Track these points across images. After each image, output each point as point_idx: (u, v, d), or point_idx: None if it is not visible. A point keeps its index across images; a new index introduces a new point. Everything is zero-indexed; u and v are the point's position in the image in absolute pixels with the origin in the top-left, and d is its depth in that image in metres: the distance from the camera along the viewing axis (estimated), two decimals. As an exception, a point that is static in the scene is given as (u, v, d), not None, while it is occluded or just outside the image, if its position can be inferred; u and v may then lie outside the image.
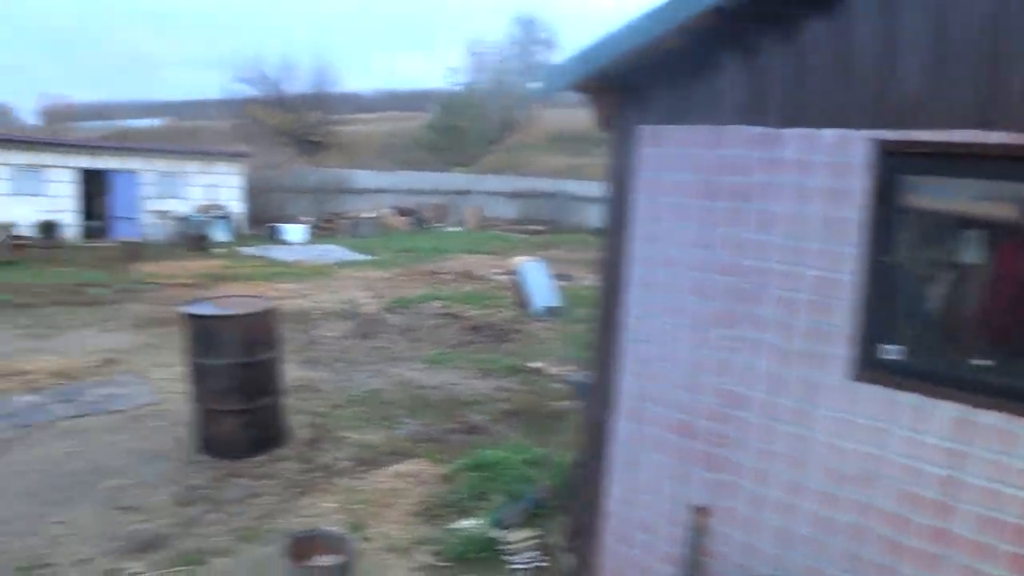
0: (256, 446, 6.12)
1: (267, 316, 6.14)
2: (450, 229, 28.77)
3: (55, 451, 6.22)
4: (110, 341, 10.06)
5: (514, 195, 31.65)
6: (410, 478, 6.01)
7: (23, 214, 20.75)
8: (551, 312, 12.72)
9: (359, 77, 55.31)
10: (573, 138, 40.47)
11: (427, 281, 16.13)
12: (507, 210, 31.55)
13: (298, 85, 42.67)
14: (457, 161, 37.67)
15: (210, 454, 6.10)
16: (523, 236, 26.84)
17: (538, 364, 9.85)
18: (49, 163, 21.70)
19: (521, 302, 13.32)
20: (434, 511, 5.46)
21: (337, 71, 58.99)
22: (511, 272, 14.07)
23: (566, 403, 8.14)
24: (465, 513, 5.38)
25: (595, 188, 31.07)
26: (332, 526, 4.94)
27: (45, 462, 5.99)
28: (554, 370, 9.57)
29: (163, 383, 8.13)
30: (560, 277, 14.60)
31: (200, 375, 5.96)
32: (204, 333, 5.82)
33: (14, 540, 4.81)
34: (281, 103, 41.12)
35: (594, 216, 30.34)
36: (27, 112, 56.12)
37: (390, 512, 5.45)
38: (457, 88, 43.97)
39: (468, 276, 17.03)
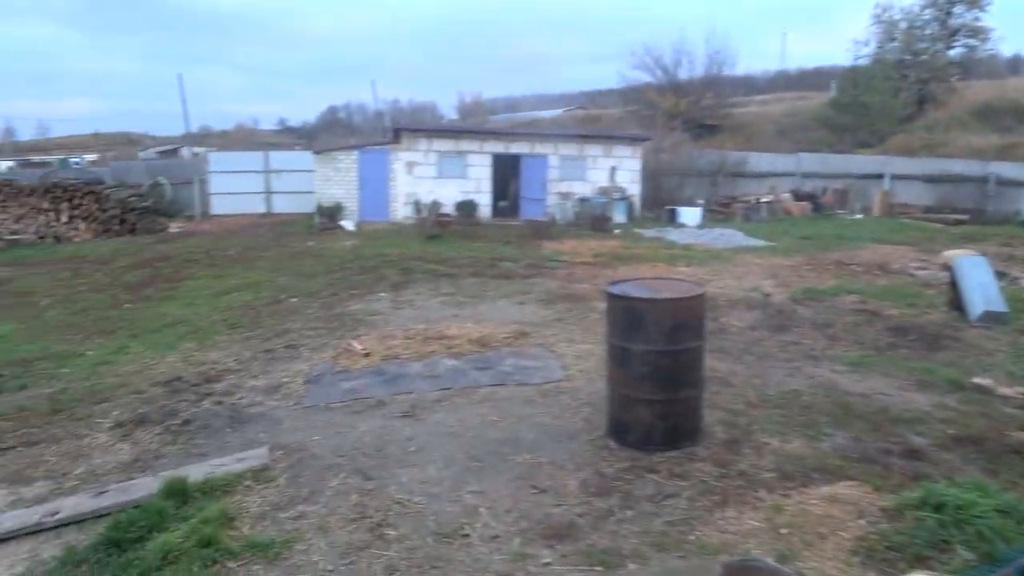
0: (670, 440, 5.55)
1: (696, 301, 5.50)
2: (853, 216, 26.17)
3: (473, 417, 6.25)
4: (521, 313, 10.31)
5: (930, 179, 27.84)
6: (847, 506, 4.98)
7: (446, 194, 22.95)
8: (993, 318, 10.54)
9: (753, 58, 53.33)
10: (1004, 112, 34.71)
11: (835, 272, 14.51)
12: (920, 196, 27.80)
13: (692, 69, 42.21)
14: (862, 142, 34.24)
15: (619, 442, 5.67)
16: (940, 226, 23.42)
17: (985, 381, 8.05)
18: (468, 149, 23.69)
19: (954, 303, 11.27)
20: (879, 553, 4.38)
21: (731, 53, 57.53)
22: (944, 267, 12.02)
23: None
24: (920, 563, 4.24)
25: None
26: (760, 551, 4.18)
27: (465, 427, 6.03)
28: (1007, 390, 7.75)
29: (571, 360, 7.97)
30: (996, 275, 12.16)
31: (619, 358, 5.53)
32: (628, 315, 5.36)
33: (433, 502, 4.77)
34: (676, 88, 40.97)
35: (1036, 204, 25.62)
36: (447, 107, 63.14)
37: (825, 545, 4.49)
38: (862, 61, 39.80)
39: (883, 269, 15.03)
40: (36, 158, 49.26)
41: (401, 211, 23.33)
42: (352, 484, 5.03)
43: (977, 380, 8.06)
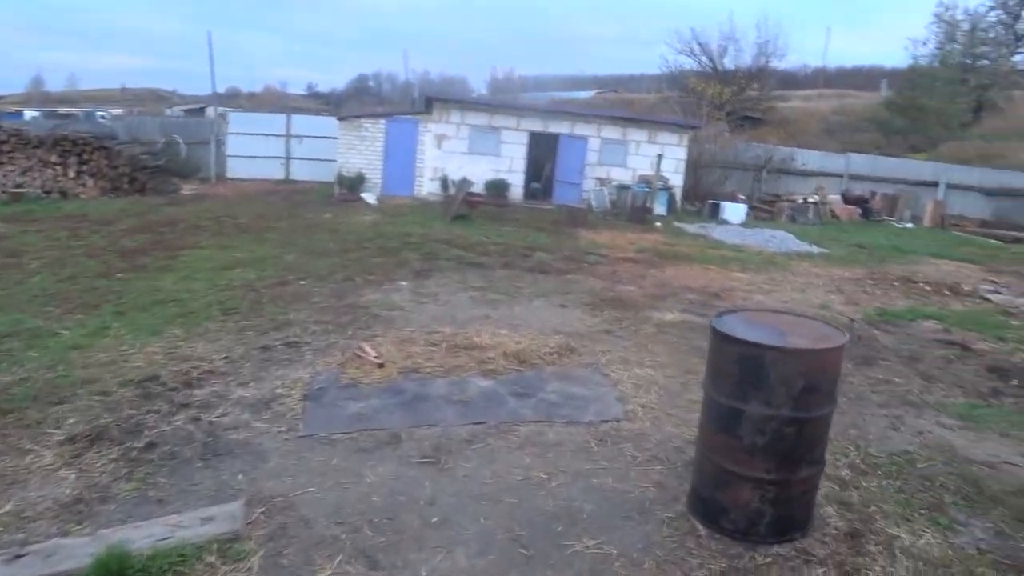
0: (778, 531, 4.15)
1: (836, 354, 4.08)
2: (903, 224, 24.54)
3: (515, 470, 4.86)
4: (563, 320, 8.91)
5: (989, 192, 26.12)
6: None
7: (477, 172, 21.52)
8: (1108, 362, 9.08)
9: (801, 53, 51.27)
10: (1070, 126, 32.84)
11: (903, 290, 13.00)
12: (975, 208, 26.13)
13: (739, 58, 40.41)
14: (914, 146, 32.47)
15: (709, 526, 4.27)
16: (998, 243, 21.78)
17: None
18: (503, 125, 22.21)
19: (1056, 340, 9.82)
20: None
21: (781, 45, 55.49)
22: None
23: None
24: None
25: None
26: None
27: (505, 487, 4.63)
28: None
29: (629, 389, 6.56)
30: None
31: (723, 420, 4.10)
32: (745, 365, 3.92)
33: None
34: (720, 76, 39.21)
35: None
36: (478, 82, 61.65)
37: None
38: (921, 61, 37.78)
39: (953, 291, 13.51)
40: (63, 110, 48.08)
41: (427, 186, 21.93)
42: (353, 574, 3.67)
43: None
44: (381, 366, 6.57)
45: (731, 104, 36.70)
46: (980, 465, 5.83)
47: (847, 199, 25.74)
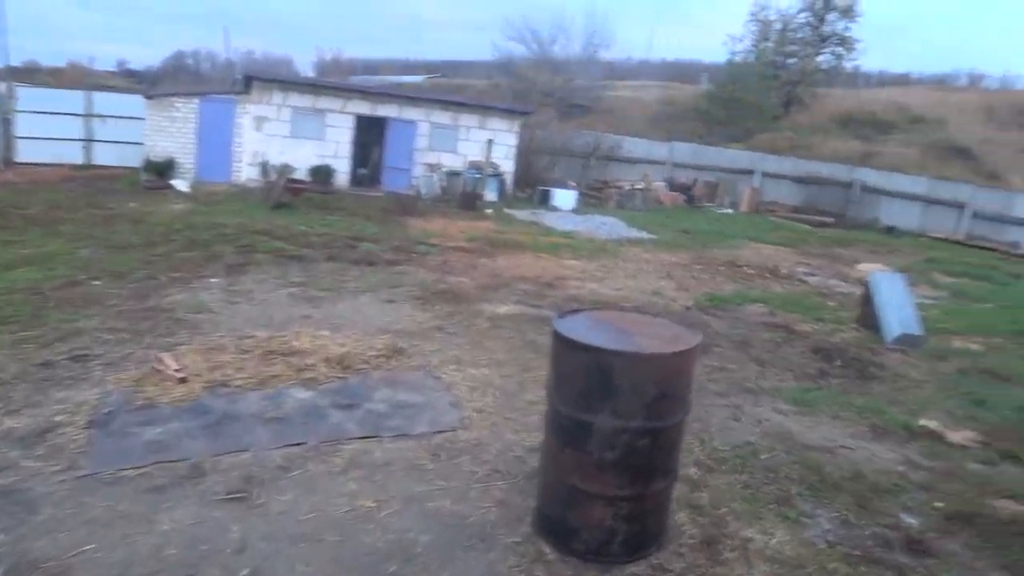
0: (634, 548, 3.83)
1: (690, 356, 3.78)
2: (722, 210, 25.71)
3: (338, 501, 4.27)
4: (391, 316, 8.34)
5: (799, 179, 27.83)
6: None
7: (300, 157, 20.42)
8: (909, 341, 9.62)
9: (627, 45, 52.68)
10: (863, 123, 35.63)
11: (728, 274, 13.40)
12: (787, 195, 27.81)
13: (569, 48, 40.96)
14: (732, 137, 34.13)
15: (560, 548, 3.90)
16: (807, 227, 23.25)
17: (932, 423, 6.96)
18: (328, 108, 21.18)
19: (864, 321, 10.33)
20: None
21: (609, 35, 56.93)
22: (862, 281, 11.10)
23: (1017, 506, 5.29)
24: None
25: (901, 181, 26.65)
26: None
27: (327, 523, 4.03)
28: (957, 436, 6.67)
29: (464, 392, 6.12)
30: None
31: (570, 434, 3.71)
32: (593, 373, 3.55)
33: None
34: (549, 64, 39.57)
35: (897, 213, 25.91)
36: (304, 64, 59.38)
37: None
38: (738, 57, 39.77)
39: (773, 273, 14.11)
40: None
41: (246, 172, 20.51)
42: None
43: (924, 423, 6.97)
44: (183, 381, 5.75)
45: (561, 92, 37.08)
46: (818, 451, 5.86)
47: (672, 186, 26.61)
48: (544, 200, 21.82)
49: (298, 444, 4.90)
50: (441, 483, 4.59)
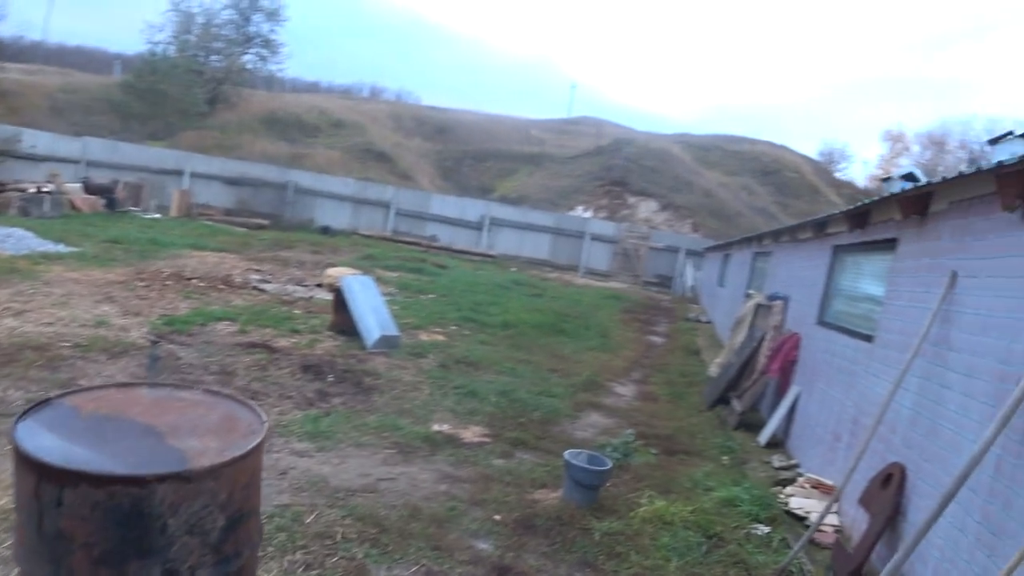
0: None
1: (260, 451, 2.49)
2: (150, 215, 23.45)
3: None
4: None
5: (231, 181, 26.95)
6: None
7: None
8: (388, 343, 9.60)
9: (20, 23, 44.86)
10: (289, 125, 36.29)
11: (179, 289, 11.79)
12: (220, 197, 26.74)
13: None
14: (154, 133, 31.58)
15: None
16: (245, 231, 22.63)
17: (444, 427, 6.92)
18: None
19: (338, 326, 10.02)
20: None
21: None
22: (331, 288, 10.64)
23: (551, 494, 5.46)
24: None
25: (332, 182, 27.51)
26: None
27: None
28: (469, 434, 6.78)
29: None
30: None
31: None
32: (124, 522, 2.01)
33: None
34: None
35: (330, 213, 26.70)
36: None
37: None
38: (159, 48, 36.85)
39: (228, 284, 12.98)
40: None
41: None
42: None
43: (437, 428, 6.89)
44: None
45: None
46: (362, 493, 5.10)
47: (88, 188, 23.20)
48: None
49: None
50: None
